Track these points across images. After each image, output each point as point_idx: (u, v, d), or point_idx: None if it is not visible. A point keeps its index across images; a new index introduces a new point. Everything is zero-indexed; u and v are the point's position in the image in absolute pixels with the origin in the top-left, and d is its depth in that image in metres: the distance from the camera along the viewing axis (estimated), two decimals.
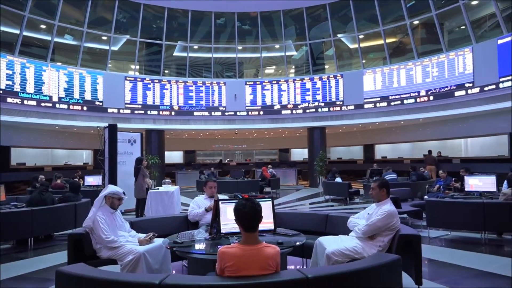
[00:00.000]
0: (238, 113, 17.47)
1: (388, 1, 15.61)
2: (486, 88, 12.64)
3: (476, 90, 12.96)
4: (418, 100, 14.73)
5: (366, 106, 16.13)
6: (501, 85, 12.15)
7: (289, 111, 17.33)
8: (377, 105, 15.83)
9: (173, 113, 16.93)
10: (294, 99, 17.36)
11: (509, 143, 13.00)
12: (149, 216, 7.51)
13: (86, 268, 2.75)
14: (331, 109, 16.83)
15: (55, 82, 14.37)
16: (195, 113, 17.19)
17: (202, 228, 4.27)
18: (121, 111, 15.98)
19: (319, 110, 17.01)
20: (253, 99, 17.55)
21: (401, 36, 16.53)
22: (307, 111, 17.17)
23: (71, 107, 14.71)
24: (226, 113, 17.43)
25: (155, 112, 16.68)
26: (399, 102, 15.25)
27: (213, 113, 17.34)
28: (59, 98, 14.43)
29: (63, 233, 7.08)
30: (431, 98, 14.34)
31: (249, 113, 17.50)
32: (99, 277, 2.54)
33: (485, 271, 4.64)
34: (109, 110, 15.67)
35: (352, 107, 16.44)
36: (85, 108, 15.07)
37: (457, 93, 13.56)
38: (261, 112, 17.48)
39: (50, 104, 14.15)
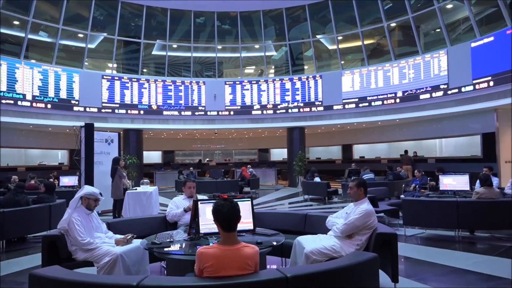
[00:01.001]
0: (217, 113, 17.40)
1: (366, 3, 15.83)
2: (459, 90, 12.98)
3: (451, 91, 13.29)
4: (394, 101, 15.00)
5: (344, 106, 16.32)
6: (463, 89, 12.52)
7: (268, 111, 17.37)
8: (355, 105, 16.04)
9: (151, 112, 16.71)
10: (273, 99, 17.40)
11: (481, 143, 13.39)
12: (127, 217, 7.38)
13: (61, 271, 2.68)
14: (310, 109, 16.96)
15: (29, 80, 13.95)
16: (174, 113, 17.00)
17: (181, 228, 4.24)
18: (98, 110, 15.66)
19: (299, 110, 17.12)
20: (232, 99, 17.51)
21: (378, 38, 16.82)
22: (286, 111, 17.25)
23: (46, 105, 14.32)
24: (205, 113, 17.33)
25: (133, 112, 16.42)
26: (376, 103, 15.49)
27: (192, 113, 17.20)
28: (33, 96, 14.03)
29: (37, 235, 6.88)
30: (407, 99, 14.62)
31: (229, 113, 17.45)
32: (75, 280, 2.49)
33: (458, 268, 4.77)
34: (86, 109, 15.33)
35: (330, 107, 16.60)
36: (60, 107, 14.69)
37: (432, 95, 13.87)
38: (241, 112, 17.45)
39: (24, 103, 13.71)
